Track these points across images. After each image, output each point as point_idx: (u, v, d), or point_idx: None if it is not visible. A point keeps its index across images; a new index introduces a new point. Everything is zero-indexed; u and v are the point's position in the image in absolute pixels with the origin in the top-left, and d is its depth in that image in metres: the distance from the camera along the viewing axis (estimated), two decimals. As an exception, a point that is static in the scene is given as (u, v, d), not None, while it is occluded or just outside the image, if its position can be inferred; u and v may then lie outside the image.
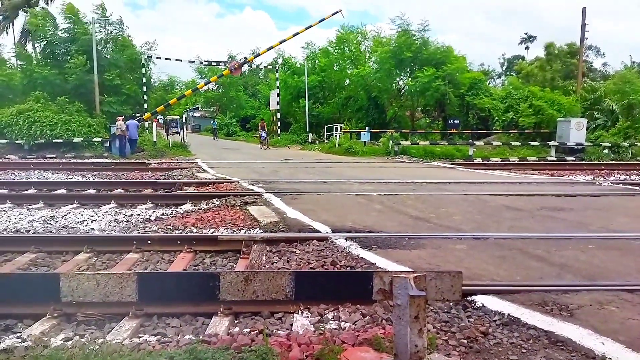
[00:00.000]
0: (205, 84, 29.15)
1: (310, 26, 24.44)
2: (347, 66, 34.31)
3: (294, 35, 24.54)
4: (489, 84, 42.34)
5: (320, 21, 24.16)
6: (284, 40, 24.65)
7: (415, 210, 7.13)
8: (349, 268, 4.29)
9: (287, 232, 5.68)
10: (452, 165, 16.75)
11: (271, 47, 24.11)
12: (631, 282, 3.86)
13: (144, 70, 25.75)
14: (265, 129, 28.95)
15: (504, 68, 64.98)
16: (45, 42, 26.13)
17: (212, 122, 41.47)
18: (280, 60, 39.04)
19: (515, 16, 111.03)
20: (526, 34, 67.92)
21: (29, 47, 33.10)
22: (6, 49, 39.45)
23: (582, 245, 5.08)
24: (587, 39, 29.24)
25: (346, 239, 5.18)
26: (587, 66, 43.79)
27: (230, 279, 2.28)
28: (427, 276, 2.11)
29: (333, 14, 23.88)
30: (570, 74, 44.42)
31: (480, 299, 3.40)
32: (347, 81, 33.92)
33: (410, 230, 5.75)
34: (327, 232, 5.56)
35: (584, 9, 28.22)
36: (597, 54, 55.14)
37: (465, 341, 2.79)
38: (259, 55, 23.70)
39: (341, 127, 26.17)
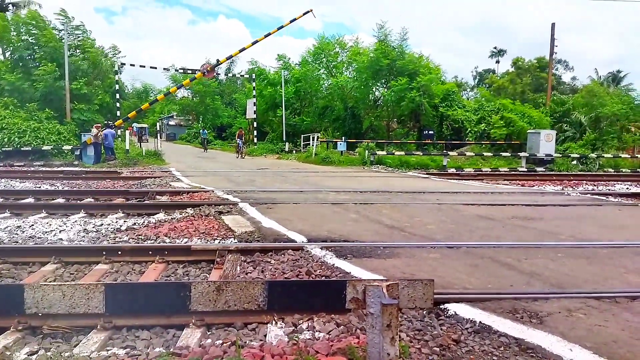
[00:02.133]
0: (178, 87, 28.80)
1: (282, 26, 24.40)
2: (324, 76, 34.58)
3: (266, 35, 24.36)
4: (463, 96, 43.30)
5: (291, 21, 24.11)
6: (257, 41, 24.46)
7: (391, 219, 7.18)
8: (324, 277, 4.28)
9: (262, 241, 5.64)
10: (426, 175, 16.98)
11: (244, 49, 23.88)
12: (598, 290, 3.96)
13: (116, 77, 25.35)
14: (243, 137, 28.71)
15: (477, 81, 66.57)
16: (11, 48, 25.54)
17: (201, 131, 38.34)
18: (255, 68, 39.01)
19: (487, 30, 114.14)
20: (496, 48, 69.90)
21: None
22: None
23: (552, 254, 5.20)
24: (556, 53, 30.20)
25: (322, 249, 5.17)
26: (556, 80, 45.21)
27: (201, 289, 2.24)
28: (399, 284, 2.12)
29: (304, 14, 23.87)
30: (540, 87, 45.86)
31: (452, 307, 3.43)
32: (324, 91, 34.12)
33: (385, 239, 5.78)
34: (302, 242, 5.54)
35: (553, 24, 29.22)
36: (565, 68, 57.11)
37: (437, 349, 2.80)
38: (231, 57, 23.43)
39: (318, 136, 26.24)
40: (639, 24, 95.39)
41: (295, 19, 23.90)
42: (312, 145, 25.38)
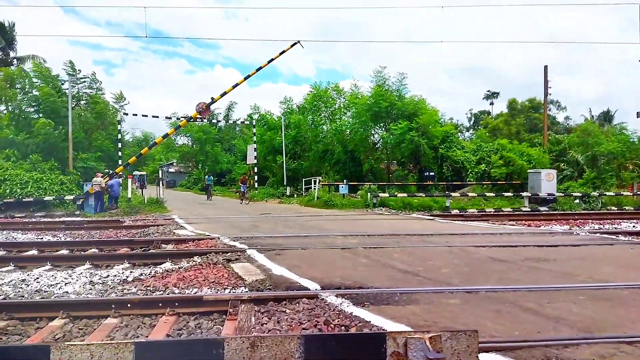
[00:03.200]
0: (176, 129, 29.04)
1: (272, 59, 24.70)
2: (322, 121, 35.12)
3: (257, 69, 24.79)
4: (459, 137, 43.85)
5: (280, 53, 24.38)
6: (249, 76, 24.89)
7: (403, 263, 7.05)
8: (343, 327, 4.14)
9: (275, 290, 5.50)
10: (431, 217, 16.89)
11: (237, 84, 24.29)
12: (629, 334, 3.83)
13: (119, 127, 25.72)
14: (247, 183, 28.56)
15: (472, 122, 67.64)
16: (14, 103, 26.08)
17: (206, 177, 35.77)
18: (256, 116, 39.67)
19: (474, 74, 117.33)
20: (489, 90, 71.55)
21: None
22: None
23: (573, 297, 5.07)
24: (550, 94, 30.85)
25: (337, 296, 5.03)
26: (550, 120, 45.96)
27: (235, 346, 2.13)
28: (442, 336, 2.02)
29: (292, 45, 24.17)
30: (534, 127, 46.62)
31: (482, 357, 3.29)
32: (323, 135, 34.53)
33: (400, 284, 5.65)
34: (316, 289, 5.41)
35: (545, 67, 30.07)
36: (558, 108, 58.10)
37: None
38: (225, 93, 23.71)
39: (319, 180, 26.31)
40: (621, 63, 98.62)
41: (284, 51, 24.31)
42: (314, 188, 25.40)
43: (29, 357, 2.07)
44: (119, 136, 25.17)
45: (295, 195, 28.94)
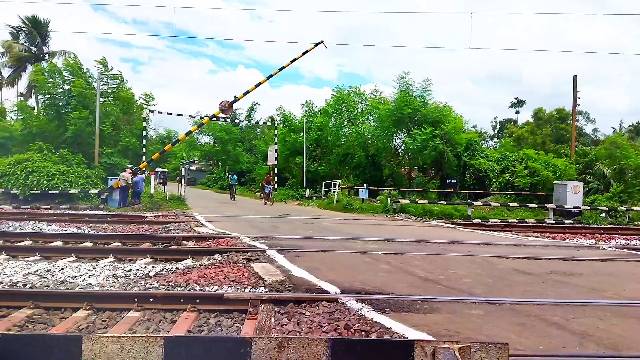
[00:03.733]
0: (199, 126, 29.27)
1: (295, 59, 24.59)
2: (344, 124, 35.04)
3: (280, 69, 24.68)
4: (482, 145, 43.25)
5: (303, 53, 24.23)
6: (271, 75, 24.83)
7: (424, 271, 6.97)
8: (363, 332, 4.10)
9: (295, 291, 5.49)
10: (452, 225, 16.67)
11: (259, 84, 24.20)
12: (660, 354, 3.70)
13: (145, 124, 26.15)
14: (271, 183, 27.36)
15: (496, 130, 66.68)
16: (47, 97, 26.78)
17: (229, 176, 32.20)
18: (278, 118, 39.88)
19: (499, 81, 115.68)
20: (516, 98, 70.18)
21: (32, 100, 33.90)
22: (9, 102, 40.43)
23: (600, 312, 4.94)
24: (579, 105, 30.20)
25: (357, 301, 5.00)
26: (577, 131, 45.01)
27: (262, 346, 2.12)
28: (471, 347, 1.97)
29: (315, 45, 23.99)
30: (561, 138, 45.68)
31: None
32: (344, 139, 34.45)
33: (421, 292, 5.58)
34: (336, 293, 5.38)
35: (575, 77, 29.44)
36: (587, 120, 56.89)
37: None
38: (247, 92, 23.71)
39: (339, 183, 26.23)
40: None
41: (307, 51, 24.16)
42: (334, 191, 25.35)
43: (61, 346, 2.11)
44: (144, 132, 25.60)
45: (315, 198, 28.94)
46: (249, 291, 5.53)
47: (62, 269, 6.69)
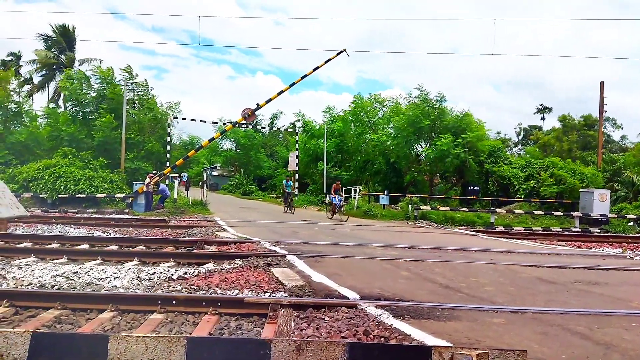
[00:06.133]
0: (222, 133, 29.60)
1: (317, 67, 24.56)
2: (365, 131, 34.96)
3: (302, 77, 24.70)
4: (506, 152, 42.58)
5: (326, 62, 24.24)
6: (294, 84, 24.82)
7: (444, 278, 6.91)
8: (382, 338, 4.10)
9: (314, 296, 5.52)
10: (474, 233, 16.45)
11: (282, 91, 24.24)
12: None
13: (168, 130, 26.65)
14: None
15: (520, 137, 65.49)
16: (75, 103, 27.56)
17: (285, 182, 26.25)
18: (299, 124, 40.03)
19: (522, 87, 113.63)
20: (541, 104, 68.90)
21: (61, 104, 34.90)
22: (38, 106, 41.79)
23: (625, 323, 4.83)
24: (606, 111, 29.49)
25: (376, 307, 5.00)
26: (605, 138, 43.89)
27: (281, 348, 2.16)
28: (489, 354, 1.97)
29: (338, 54, 23.97)
30: (587, 145, 44.62)
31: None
32: (364, 145, 34.37)
33: (441, 299, 5.54)
34: (355, 299, 5.38)
35: (601, 83, 28.75)
36: (614, 126, 55.35)
37: None
38: (270, 100, 23.79)
39: (359, 189, 26.16)
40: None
41: (330, 59, 24.15)
42: (354, 198, 25.30)
43: (89, 344, 2.19)
44: (168, 139, 26.09)
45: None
46: (269, 295, 5.58)
47: (89, 271, 6.87)
